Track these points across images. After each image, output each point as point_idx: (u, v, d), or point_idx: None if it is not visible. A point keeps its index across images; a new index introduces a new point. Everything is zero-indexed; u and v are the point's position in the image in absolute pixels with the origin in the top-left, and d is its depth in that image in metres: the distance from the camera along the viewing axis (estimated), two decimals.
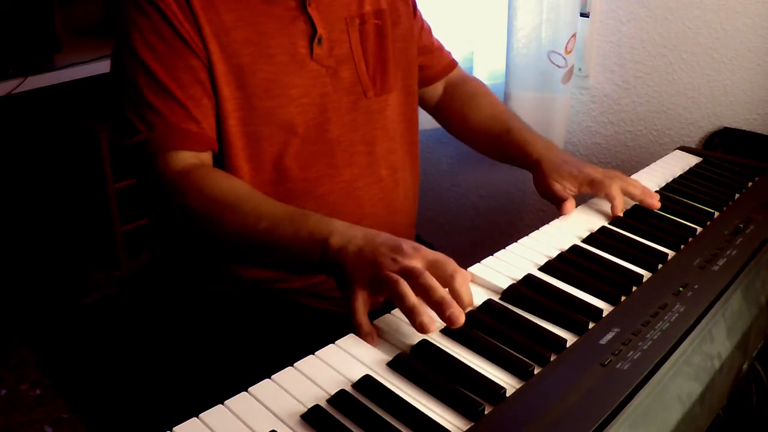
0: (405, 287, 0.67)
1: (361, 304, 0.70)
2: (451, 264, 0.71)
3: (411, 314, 0.66)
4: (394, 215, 1.05)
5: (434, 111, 1.24)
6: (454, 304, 0.67)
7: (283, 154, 0.94)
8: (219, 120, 0.90)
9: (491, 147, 1.16)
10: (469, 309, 0.70)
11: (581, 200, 1.02)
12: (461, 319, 0.66)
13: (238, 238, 0.81)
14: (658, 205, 0.97)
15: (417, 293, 0.68)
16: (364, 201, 1.01)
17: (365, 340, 0.68)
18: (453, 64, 1.24)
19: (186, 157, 0.87)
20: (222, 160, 0.91)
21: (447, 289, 0.69)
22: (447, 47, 1.25)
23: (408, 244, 0.72)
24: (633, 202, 1.00)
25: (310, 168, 0.96)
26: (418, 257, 0.71)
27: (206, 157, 0.89)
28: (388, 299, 0.70)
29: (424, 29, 1.18)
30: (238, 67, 0.89)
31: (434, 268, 0.70)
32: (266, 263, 0.85)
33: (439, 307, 0.67)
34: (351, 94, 0.99)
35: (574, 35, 1.52)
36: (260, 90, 0.91)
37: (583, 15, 1.56)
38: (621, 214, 0.96)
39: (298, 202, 0.94)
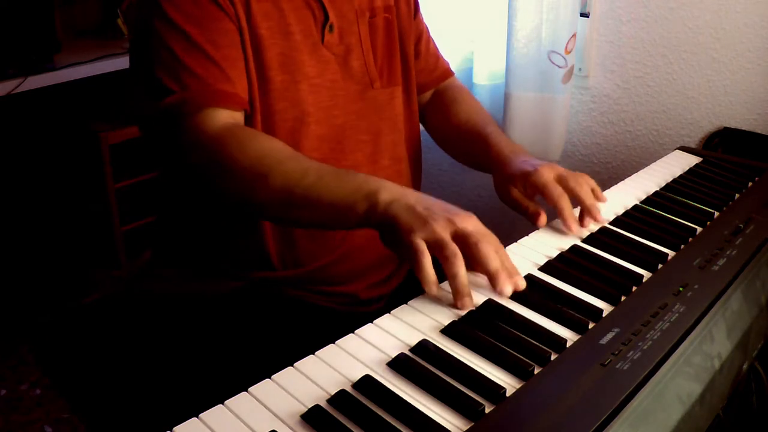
0: (459, 266, 0.71)
1: (426, 258, 0.71)
2: (496, 240, 0.75)
3: (457, 292, 0.72)
4: None
5: (421, 116, 1.22)
6: (515, 273, 0.74)
7: (293, 131, 0.95)
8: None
9: (464, 153, 1.14)
10: (517, 278, 0.74)
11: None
12: (520, 287, 0.74)
13: (282, 193, 0.81)
14: (599, 221, 0.92)
15: (471, 258, 0.72)
16: None
17: (429, 289, 0.72)
18: (447, 73, 1.22)
19: (222, 117, 0.87)
20: None
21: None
22: (447, 47, 1.25)
23: (462, 212, 0.75)
24: (634, 202, 1.01)
25: (316, 149, 0.97)
26: (469, 223, 0.74)
27: (240, 117, 0.90)
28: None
29: (423, 33, 1.18)
30: (257, 38, 0.91)
31: (486, 236, 0.74)
32: (308, 221, 0.85)
33: (494, 278, 0.72)
34: (359, 84, 1.01)
35: (574, 35, 1.52)
36: (275, 63, 0.93)
37: (583, 15, 1.56)
38: (573, 230, 0.91)
39: None
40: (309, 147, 0.96)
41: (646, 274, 0.83)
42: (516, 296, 0.77)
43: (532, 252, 0.87)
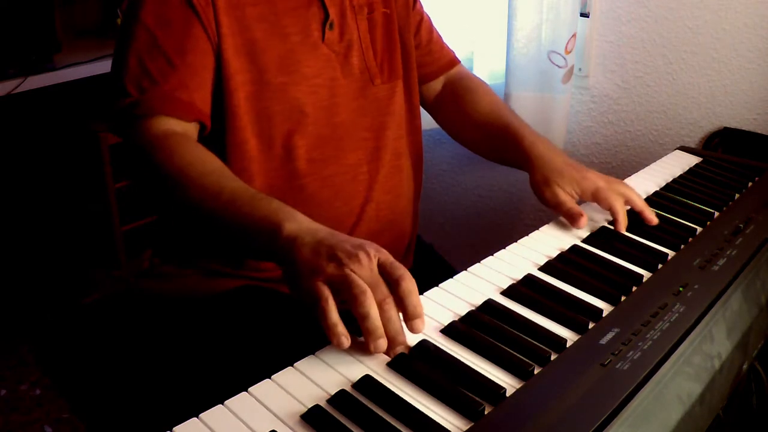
0: (371, 304, 0.64)
1: (331, 304, 0.65)
2: (402, 268, 0.68)
3: (370, 334, 0.64)
4: (397, 200, 1.07)
5: (432, 108, 1.23)
6: (404, 342, 0.66)
7: (292, 133, 0.95)
8: (225, 94, 0.90)
9: (488, 145, 1.13)
10: (416, 322, 0.66)
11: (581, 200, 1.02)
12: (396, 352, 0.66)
13: (200, 207, 0.79)
14: (655, 220, 0.95)
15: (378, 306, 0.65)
16: (368, 184, 1.02)
17: (338, 342, 0.64)
18: (453, 61, 1.22)
19: (170, 124, 0.86)
20: (227, 135, 0.92)
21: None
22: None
23: (369, 245, 0.69)
24: None
25: (316, 149, 0.97)
26: (375, 257, 0.68)
27: (191, 128, 0.89)
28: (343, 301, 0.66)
29: (423, 22, 1.17)
30: (251, 42, 0.91)
31: (386, 267, 0.67)
32: (224, 240, 0.83)
33: (389, 342, 0.65)
34: (359, 81, 1.01)
35: (574, 35, 1.52)
36: (273, 66, 0.92)
37: (583, 15, 1.56)
38: (624, 231, 0.93)
39: (304, 181, 0.96)
40: (308, 147, 0.96)
41: (646, 274, 0.83)
42: (516, 296, 0.77)
43: (532, 252, 0.87)
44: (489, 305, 0.75)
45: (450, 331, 0.70)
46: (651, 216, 0.95)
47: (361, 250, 0.67)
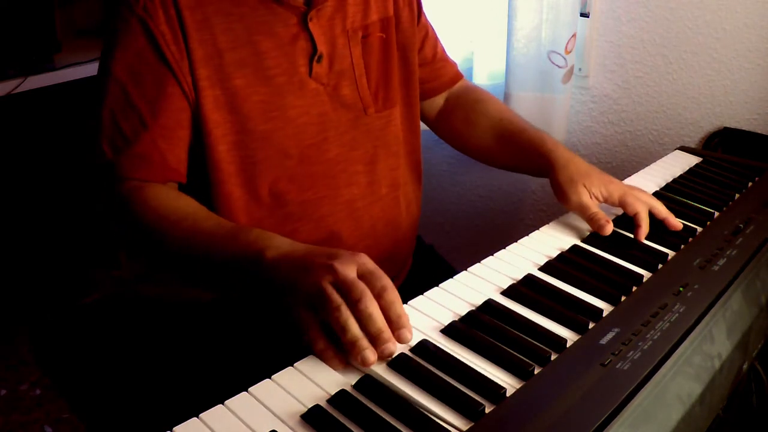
0: (347, 317, 0.64)
1: (315, 333, 0.67)
2: (384, 279, 0.68)
3: (352, 348, 0.64)
4: (395, 231, 1.04)
5: (435, 123, 1.18)
6: (390, 339, 0.65)
7: (279, 178, 0.91)
8: (207, 147, 0.88)
9: (500, 151, 1.08)
10: (403, 332, 0.66)
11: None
12: (394, 353, 0.65)
13: (181, 252, 0.80)
14: (680, 226, 0.93)
15: (355, 317, 0.65)
16: (364, 220, 0.99)
17: (333, 366, 0.65)
18: (457, 76, 1.17)
19: (142, 183, 0.86)
20: (212, 187, 0.89)
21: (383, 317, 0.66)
22: (447, 47, 1.21)
23: (347, 253, 0.69)
24: None
25: (308, 190, 0.93)
26: (353, 264, 0.68)
27: (170, 185, 0.89)
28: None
29: (429, 37, 1.12)
30: (232, 91, 0.87)
31: (367, 277, 0.68)
32: (210, 282, 0.84)
33: (375, 340, 0.64)
34: (351, 112, 0.96)
35: (574, 35, 1.52)
36: (255, 113, 0.88)
37: (583, 15, 1.56)
38: (644, 240, 0.91)
39: (296, 225, 0.93)
40: (299, 190, 0.93)
41: (646, 274, 0.83)
42: (516, 296, 0.77)
43: (532, 252, 0.87)
44: (489, 305, 0.75)
45: (450, 331, 0.71)
46: (675, 222, 0.92)
47: (335, 259, 0.68)
